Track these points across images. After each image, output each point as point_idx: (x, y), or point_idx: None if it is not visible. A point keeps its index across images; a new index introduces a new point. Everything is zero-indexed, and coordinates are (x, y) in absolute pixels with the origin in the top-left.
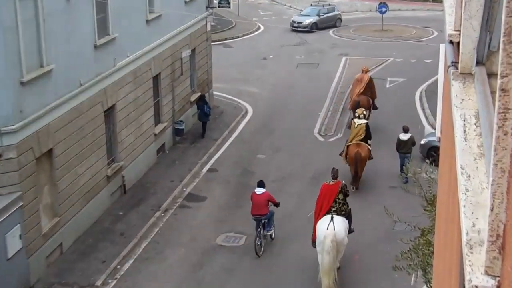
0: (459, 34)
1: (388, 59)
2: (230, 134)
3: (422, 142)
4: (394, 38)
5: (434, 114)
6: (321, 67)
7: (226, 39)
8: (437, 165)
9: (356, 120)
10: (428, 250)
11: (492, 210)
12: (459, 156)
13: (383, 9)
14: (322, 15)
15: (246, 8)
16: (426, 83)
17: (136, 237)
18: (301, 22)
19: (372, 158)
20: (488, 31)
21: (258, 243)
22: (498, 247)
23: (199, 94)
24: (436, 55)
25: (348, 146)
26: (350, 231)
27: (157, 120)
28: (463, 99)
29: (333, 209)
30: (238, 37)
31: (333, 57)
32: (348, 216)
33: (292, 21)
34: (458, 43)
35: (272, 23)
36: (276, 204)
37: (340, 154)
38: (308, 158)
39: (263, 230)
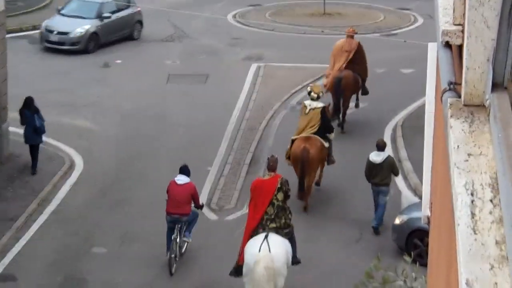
0: (462, 32)
1: None
2: (41, 209)
3: (397, 221)
4: (346, 29)
5: (418, 171)
6: (213, 82)
7: (35, 27)
8: (424, 265)
9: (308, 102)
10: None
11: None
12: (464, 262)
13: None
14: (108, 17)
15: None
16: (404, 113)
17: None
18: (66, 33)
19: (333, 162)
20: None
21: (172, 255)
22: None
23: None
24: (422, 61)
25: (293, 141)
26: (294, 261)
27: None
28: (469, 154)
29: (270, 216)
30: None
31: (235, 62)
32: (291, 237)
33: (46, 29)
34: (461, 48)
35: None
36: (199, 206)
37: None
38: (187, 253)
39: (179, 237)
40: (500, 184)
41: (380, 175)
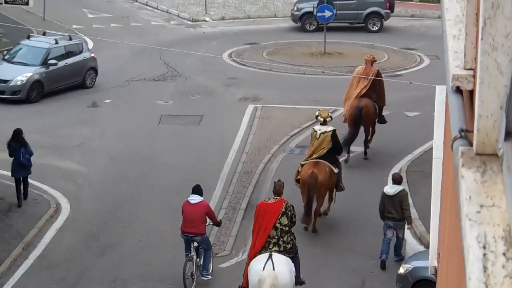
0: (473, 77)
1: (337, 110)
2: (26, 254)
3: (402, 271)
4: (347, 70)
5: (423, 218)
6: (207, 123)
7: None
8: None
9: (317, 127)
10: None
11: None
12: None
13: (326, 14)
14: (54, 64)
15: (60, 7)
16: (408, 157)
17: None
18: (6, 81)
19: (342, 189)
20: None
21: (188, 274)
22: None
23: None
24: (428, 103)
25: (302, 166)
26: (298, 281)
27: None
28: (482, 205)
29: (273, 240)
30: None
31: (230, 103)
32: (294, 256)
33: None
34: (472, 93)
35: (112, 35)
36: (217, 224)
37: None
38: None
39: (196, 256)
40: None
41: (394, 209)
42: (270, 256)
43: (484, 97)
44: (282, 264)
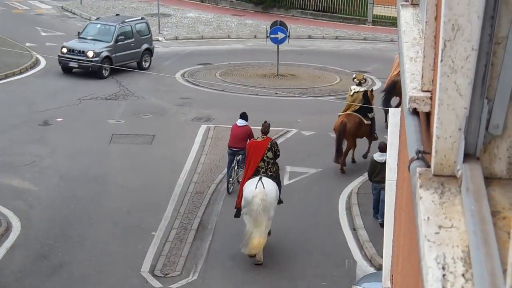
0: (430, 99)
1: (289, 131)
2: None
3: None
4: (300, 92)
5: (373, 240)
6: (159, 143)
7: None
8: None
9: (353, 86)
10: None
11: None
12: None
13: (280, 35)
14: None
15: (12, 24)
16: (359, 179)
17: None
18: None
19: (376, 138)
20: (486, 98)
21: (231, 179)
22: None
23: None
24: (378, 126)
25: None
26: (279, 201)
27: None
28: (440, 226)
29: (261, 170)
30: None
31: (183, 123)
32: (278, 181)
33: None
34: (429, 115)
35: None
36: None
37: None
38: None
39: (237, 167)
40: (472, 258)
41: (382, 173)
42: (260, 178)
43: (442, 118)
44: (270, 185)
